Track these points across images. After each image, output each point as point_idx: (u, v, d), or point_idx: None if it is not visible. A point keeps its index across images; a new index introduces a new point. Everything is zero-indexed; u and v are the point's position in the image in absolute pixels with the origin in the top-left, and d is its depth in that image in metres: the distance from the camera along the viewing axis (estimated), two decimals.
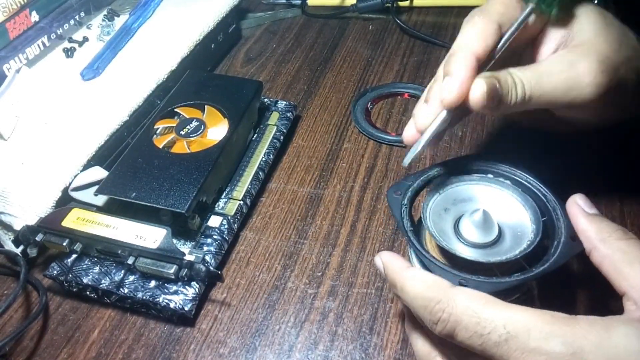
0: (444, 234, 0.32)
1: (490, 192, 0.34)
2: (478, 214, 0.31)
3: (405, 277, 0.29)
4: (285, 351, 0.36)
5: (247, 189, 0.45)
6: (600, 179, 0.44)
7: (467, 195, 0.34)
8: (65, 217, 0.39)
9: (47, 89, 0.50)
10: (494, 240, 0.31)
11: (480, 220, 0.31)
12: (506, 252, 0.30)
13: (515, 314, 0.25)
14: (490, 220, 0.31)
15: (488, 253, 0.31)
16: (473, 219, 0.31)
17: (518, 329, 0.25)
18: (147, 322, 0.39)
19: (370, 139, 0.51)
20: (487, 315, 0.25)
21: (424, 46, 0.63)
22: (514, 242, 0.31)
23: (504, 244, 0.31)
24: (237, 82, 0.51)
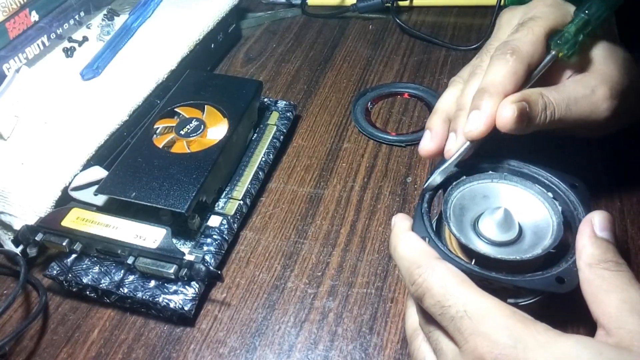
0: (464, 231, 0.33)
1: (511, 191, 0.35)
2: (499, 212, 0.32)
3: (401, 239, 0.31)
4: (285, 351, 0.36)
5: (247, 188, 0.45)
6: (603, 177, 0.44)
7: (489, 193, 0.35)
8: (65, 216, 0.39)
9: (47, 88, 0.50)
10: (514, 238, 0.32)
11: (501, 219, 0.32)
12: (526, 251, 0.31)
13: (479, 300, 0.27)
14: (511, 219, 0.32)
15: (507, 251, 0.31)
16: (494, 217, 0.32)
17: (475, 311, 0.26)
18: (147, 322, 0.39)
19: (370, 139, 0.51)
20: (454, 291, 0.27)
21: (424, 46, 0.63)
22: (535, 241, 0.32)
23: (524, 243, 0.32)
24: (237, 82, 0.51)
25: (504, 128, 0.32)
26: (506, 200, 0.34)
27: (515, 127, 0.32)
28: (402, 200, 0.45)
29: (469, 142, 0.33)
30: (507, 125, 0.32)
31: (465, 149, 0.34)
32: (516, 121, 0.32)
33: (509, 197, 0.34)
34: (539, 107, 0.33)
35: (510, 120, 0.32)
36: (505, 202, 0.34)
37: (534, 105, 0.33)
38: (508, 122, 0.32)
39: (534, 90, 0.34)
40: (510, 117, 0.32)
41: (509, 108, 0.32)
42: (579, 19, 0.35)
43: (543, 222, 0.33)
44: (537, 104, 0.33)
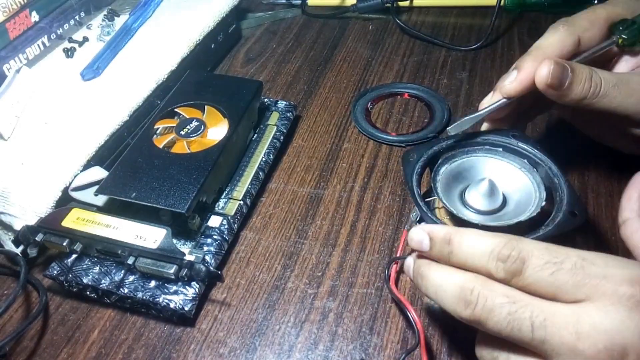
0: (452, 202, 0.34)
1: (497, 164, 0.36)
2: (484, 183, 0.33)
3: (463, 231, 0.28)
4: (285, 351, 0.36)
5: (247, 189, 0.45)
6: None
7: (475, 166, 0.36)
8: (65, 217, 0.39)
9: (47, 89, 0.50)
10: (498, 207, 0.33)
11: (486, 189, 0.33)
12: (510, 217, 0.33)
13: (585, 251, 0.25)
14: (495, 189, 0.33)
15: (493, 219, 0.33)
16: (479, 188, 0.33)
17: (594, 258, 0.25)
18: (147, 322, 0.39)
19: (370, 139, 0.51)
20: (557, 249, 0.26)
21: (424, 46, 0.63)
22: (517, 210, 0.33)
23: (507, 212, 0.34)
24: (237, 82, 0.51)
25: (540, 84, 0.33)
26: (490, 173, 0.36)
27: (552, 84, 0.32)
28: (402, 201, 0.45)
29: (504, 99, 0.35)
30: (543, 80, 0.32)
31: (498, 104, 0.35)
32: (552, 78, 0.32)
33: (493, 170, 0.36)
34: (584, 75, 0.33)
35: (546, 76, 0.32)
36: (489, 174, 0.36)
37: (577, 72, 0.33)
38: (544, 77, 0.32)
39: (583, 65, 0.34)
40: (546, 74, 0.32)
41: (547, 64, 0.32)
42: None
43: (525, 191, 0.34)
44: (581, 72, 0.33)
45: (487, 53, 0.61)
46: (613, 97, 0.34)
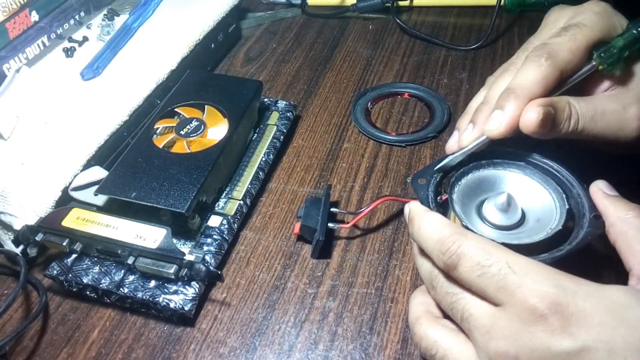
0: (469, 216, 0.33)
1: (515, 177, 0.35)
2: (502, 197, 0.32)
3: (426, 217, 0.30)
4: (285, 351, 0.36)
5: (247, 188, 0.45)
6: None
7: (493, 180, 0.35)
8: (65, 217, 0.39)
9: (47, 88, 0.50)
10: (516, 223, 0.33)
11: (504, 203, 0.32)
12: (528, 235, 0.32)
13: (519, 258, 0.27)
14: (514, 204, 0.33)
15: (510, 235, 0.32)
16: (497, 202, 0.33)
17: (519, 267, 0.26)
18: (147, 322, 0.39)
19: (370, 139, 0.51)
20: (493, 251, 0.27)
21: (424, 46, 0.63)
22: (537, 226, 0.32)
23: (526, 228, 0.33)
24: (237, 82, 0.51)
25: (526, 130, 0.32)
26: (510, 187, 0.35)
27: (538, 130, 0.32)
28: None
29: (485, 137, 0.34)
30: (530, 127, 0.32)
31: (480, 142, 0.34)
32: (539, 125, 0.32)
33: (513, 184, 0.35)
34: (565, 114, 0.33)
35: (534, 123, 0.32)
36: (509, 188, 0.35)
37: (559, 112, 0.33)
38: (531, 124, 0.32)
39: (562, 98, 0.34)
40: (535, 120, 0.32)
41: (535, 111, 0.32)
42: (629, 34, 0.34)
43: (547, 208, 0.33)
44: (563, 112, 0.33)
45: (487, 53, 0.61)
46: (590, 129, 0.34)
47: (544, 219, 0.33)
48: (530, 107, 0.32)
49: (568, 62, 0.34)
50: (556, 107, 0.33)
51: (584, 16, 0.36)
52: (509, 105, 0.33)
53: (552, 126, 0.33)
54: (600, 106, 0.34)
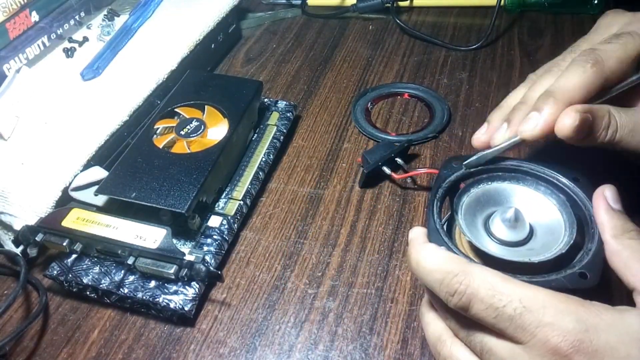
0: (475, 231, 0.32)
1: (524, 192, 0.34)
2: (510, 212, 0.31)
3: (423, 251, 0.29)
4: (285, 351, 0.36)
5: (247, 189, 0.45)
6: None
7: (501, 193, 0.35)
8: (65, 217, 0.39)
9: (47, 89, 0.50)
10: (524, 239, 0.32)
11: (512, 219, 0.31)
12: (536, 252, 0.31)
13: (531, 291, 0.26)
14: (521, 219, 0.32)
15: (518, 252, 0.31)
16: (504, 217, 0.32)
17: (533, 304, 0.25)
18: (147, 322, 0.39)
19: (370, 139, 0.51)
20: (503, 289, 0.26)
21: (424, 46, 0.63)
22: (546, 242, 0.31)
23: (534, 244, 0.32)
24: (237, 82, 0.51)
25: (561, 135, 0.31)
26: (518, 201, 0.34)
27: (573, 136, 0.31)
28: (402, 201, 0.45)
29: (518, 138, 0.33)
30: (565, 132, 0.31)
31: (513, 142, 0.33)
32: (575, 131, 0.31)
33: (521, 198, 0.34)
34: (603, 123, 0.32)
35: (569, 129, 0.31)
36: (516, 202, 0.34)
37: (598, 121, 0.32)
38: (567, 130, 0.31)
39: (603, 106, 0.32)
40: (570, 126, 0.31)
41: (572, 116, 0.31)
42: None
43: (555, 222, 0.33)
44: (601, 120, 0.32)
45: (487, 53, 0.61)
46: (627, 142, 0.33)
47: (552, 235, 0.32)
48: (568, 112, 0.31)
49: (615, 71, 0.33)
50: (595, 114, 0.32)
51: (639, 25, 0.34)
52: (546, 108, 0.32)
53: (588, 134, 0.32)
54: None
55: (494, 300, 0.26)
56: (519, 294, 0.26)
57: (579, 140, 0.32)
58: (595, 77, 0.32)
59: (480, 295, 0.26)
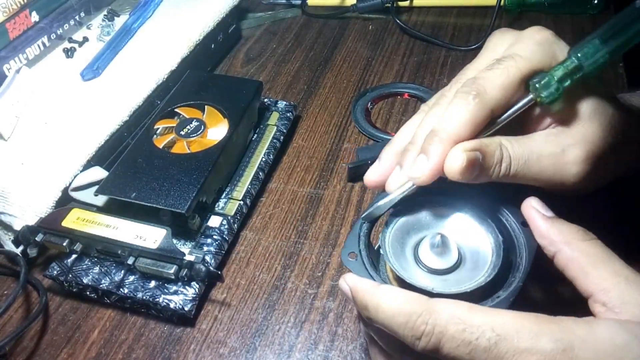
0: (404, 261, 0.31)
1: (449, 216, 0.33)
2: (436, 239, 0.30)
3: (379, 295, 0.27)
4: (285, 351, 0.36)
5: (247, 189, 0.45)
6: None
7: (427, 219, 0.33)
8: (65, 217, 0.39)
9: (47, 89, 0.50)
10: (453, 266, 0.30)
11: (439, 246, 0.30)
12: (466, 277, 0.30)
13: (501, 317, 0.25)
14: (448, 245, 0.30)
15: (448, 280, 0.30)
16: (431, 245, 0.30)
17: (507, 331, 0.24)
18: (147, 322, 0.39)
19: (370, 139, 0.51)
20: (473, 321, 0.25)
21: (424, 46, 0.63)
22: (475, 267, 0.30)
23: (464, 270, 0.30)
24: (237, 82, 0.51)
25: (451, 177, 0.29)
26: (446, 227, 0.32)
27: (463, 177, 0.29)
28: None
29: (412, 184, 0.31)
30: (455, 174, 0.29)
31: (409, 189, 0.31)
32: (464, 171, 0.29)
33: (449, 224, 0.32)
34: (495, 159, 0.30)
35: (458, 170, 0.29)
36: (443, 227, 0.32)
37: (489, 157, 0.30)
38: (455, 171, 0.29)
39: (494, 140, 0.31)
40: (459, 167, 0.29)
41: (459, 157, 0.29)
42: (570, 62, 0.30)
43: (483, 248, 0.31)
44: (492, 156, 0.30)
45: None
46: (524, 174, 0.31)
47: (481, 260, 0.30)
48: (454, 153, 0.29)
49: (499, 100, 0.30)
50: (485, 150, 0.30)
51: (522, 45, 0.32)
52: (433, 151, 0.30)
53: (480, 171, 0.30)
54: (537, 148, 0.31)
55: (465, 334, 0.25)
56: (490, 322, 0.25)
57: (472, 179, 0.30)
58: (479, 110, 0.30)
59: (449, 333, 0.25)
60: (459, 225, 0.32)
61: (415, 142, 0.32)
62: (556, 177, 0.32)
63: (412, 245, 0.32)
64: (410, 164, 0.31)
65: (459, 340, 0.25)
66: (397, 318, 0.26)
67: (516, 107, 0.31)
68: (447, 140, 0.30)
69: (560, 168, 0.31)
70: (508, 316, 0.25)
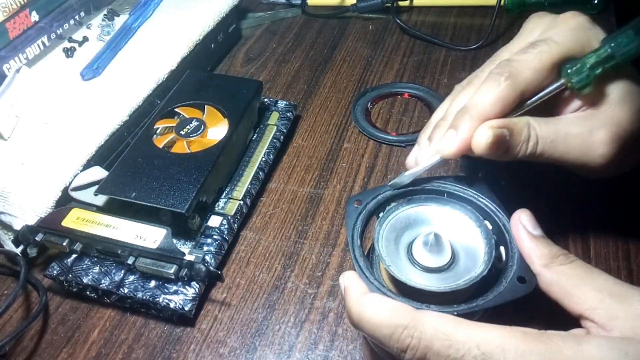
0: (398, 260, 0.31)
1: (444, 213, 0.33)
2: (430, 237, 0.30)
3: (364, 303, 0.27)
4: (285, 351, 0.36)
5: (247, 188, 0.45)
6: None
7: (421, 217, 0.33)
8: (65, 217, 0.39)
9: (47, 89, 0.50)
10: (447, 264, 0.30)
11: (432, 244, 0.30)
12: (459, 276, 0.30)
13: (487, 333, 0.25)
14: (442, 244, 0.30)
15: (442, 278, 0.30)
16: (424, 243, 0.30)
17: (492, 349, 0.24)
18: (147, 322, 0.39)
19: (370, 139, 0.51)
20: (459, 337, 0.25)
21: (424, 46, 0.63)
22: (468, 265, 0.30)
23: (458, 267, 0.30)
24: (237, 82, 0.51)
25: (478, 152, 0.30)
26: (440, 224, 0.32)
27: (490, 152, 0.30)
28: None
29: (439, 157, 0.32)
30: (481, 150, 0.30)
31: (436, 161, 0.32)
32: (490, 147, 0.30)
33: (443, 221, 0.33)
34: (522, 137, 0.31)
35: (484, 146, 0.30)
36: (438, 225, 0.32)
37: (516, 135, 0.31)
38: (482, 147, 0.30)
39: (522, 119, 0.31)
40: (485, 143, 0.30)
41: (486, 133, 0.30)
42: (603, 50, 0.31)
43: (476, 246, 0.31)
44: (520, 134, 0.31)
45: (487, 53, 0.61)
46: (550, 154, 0.32)
47: (473, 258, 0.31)
48: (482, 129, 0.30)
49: (530, 82, 0.31)
50: (513, 129, 0.31)
51: (556, 30, 0.33)
52: (462, 126, 0.31)
53: (506, 149, 0.31)
54: (565, 129, 0.32)
55: (451, 350, 0.25)
56: (476, 339, 0.25)
57: (499, 155, 0.31)
58: (510, 91, 0.31)
59: (435, 348, 0.25)
60: (452, 223, 0.33)
61: (446, 118, 0.33)
62: (582, 157, 0.32)
63: (405, 244, 0.32)
64: (440, 138, 0.32)
65: (444, 357, 0.25)
66: (382, 329, 0.26)
67: (547, 91, 0.32)
68: (477, 117, 0.31)
69: (587, 149, 0.32)
70: (495, 333, 0.25)
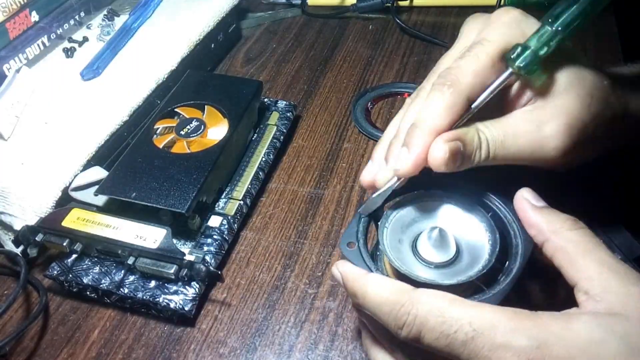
0: (402, 255, 0.31)
1: (448, 209, 0.33)
2: (434, 232, 0.30)
3: (366, 284, 0.28)
4: (285, 351, 0.36)
5: (247, 189, 0.45)
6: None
7: (425, 213, 0.33)
8: (65, 217, 0.39)
9: (47, 89, 0.50)
10: (451, 259, 0.30)
11: (437, 239, 0.30)
12: (463, 271, 0.30)
13: (480, 312, 0.25)
14: (446, 239, 0.31)
15: (446, 273, 0.30)
16: (429, 238, 0.31)
17: (484, 326, 0.25)
18: (147, 322, 0.39)
19: (370, 139, 0.51)
20: (452, 314, 0.25)
21: (424, 46, 0.63)
22: (472, 260, 0.31)
23: (461, 263, 0.31)
24: (237, 82, 0.51)
25: (435, 168, 0.30)
26: (443, 220, 0.33)
27: (448, 167, 0.30)
28: None
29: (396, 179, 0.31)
30: (439, 165, 0.30)
31: (396, 183, 0.32)
32: (448, 162, 0.29)
33: (448, 216, 0.33)
34: (474, 145, 0.31)
35: (442, 162, 0.29)
36: (442, 222, 0.32)
37: (469, 144, 0.30)
38: (440, 162, 0.29)
39: (470, 127, 0.31)
40: (442, 158, 0.29)
41: (442, 148, 0.29)
42: (544, 30, 0.30)
43: (480, 240, 0.31)
44: (472, 142, 0.30)
45: None
46: (503, 155, 0.31)
47: (478, 252, 0.31)
48: (437, 144, 0.30)
49: (474, 86, 0.31)
50: (464, 138, 0.30)
51: (490, 28, 0.32)
52: (414, 143, 0.30)
53: (462, 160, 0.30)
54: (513, 127, 0.31)
55: (445, 327, 0.25)
56: (469, 316, 0.25)
57: (456, 168, 0.30)
58: (456, 99, 0.30)
59: (430, 324, 0.26)
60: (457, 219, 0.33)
61: (399, 136, 0.33)
62: (536, 153, 0.31)
63: (410, 240, 0.32)
64: (395, 158, 0.32)
65: (438, 332, 0.25)
66: (383, 307, 0.27)
67: (494, 85, 0.31)
68: (427, 131, 0.30)
69: (538, 144, 0.31)
70: (486, 311, 0.26)
